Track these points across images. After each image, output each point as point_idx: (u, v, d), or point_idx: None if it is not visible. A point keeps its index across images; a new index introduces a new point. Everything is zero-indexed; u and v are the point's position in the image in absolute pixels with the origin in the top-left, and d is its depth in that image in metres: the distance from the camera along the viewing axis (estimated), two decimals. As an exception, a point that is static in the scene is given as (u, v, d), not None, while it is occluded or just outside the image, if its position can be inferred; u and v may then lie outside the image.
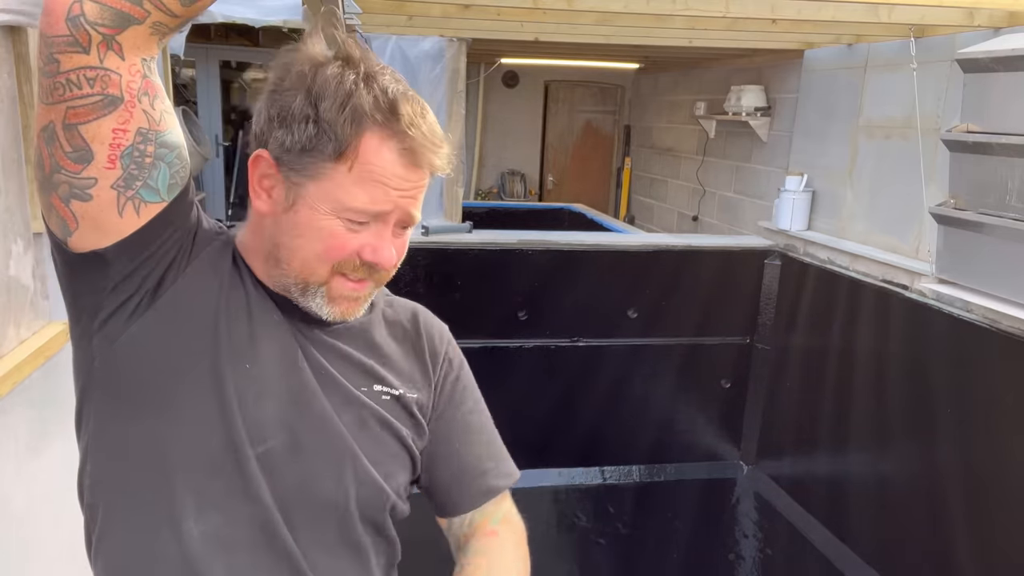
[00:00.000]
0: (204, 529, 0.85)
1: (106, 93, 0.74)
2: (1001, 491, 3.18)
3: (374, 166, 0.83)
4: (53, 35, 0.71)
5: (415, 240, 4.43)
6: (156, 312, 0.83)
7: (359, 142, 0.82)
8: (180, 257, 0.84)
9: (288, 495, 0.88)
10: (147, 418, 0.85)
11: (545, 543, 4.75)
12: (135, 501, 0.87)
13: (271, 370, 0.88)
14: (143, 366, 0.84)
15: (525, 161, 8.61)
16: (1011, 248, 3.10)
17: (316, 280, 0.88)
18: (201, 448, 0.85)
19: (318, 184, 0.84)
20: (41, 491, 1.53)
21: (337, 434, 0.91)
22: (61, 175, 0.77)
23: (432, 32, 4.73)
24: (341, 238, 0.85)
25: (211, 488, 0.85)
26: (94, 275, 0.82)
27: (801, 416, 4.50)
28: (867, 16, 3.56)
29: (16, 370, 1.33)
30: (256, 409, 0.86)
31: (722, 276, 4.75)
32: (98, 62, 0.73)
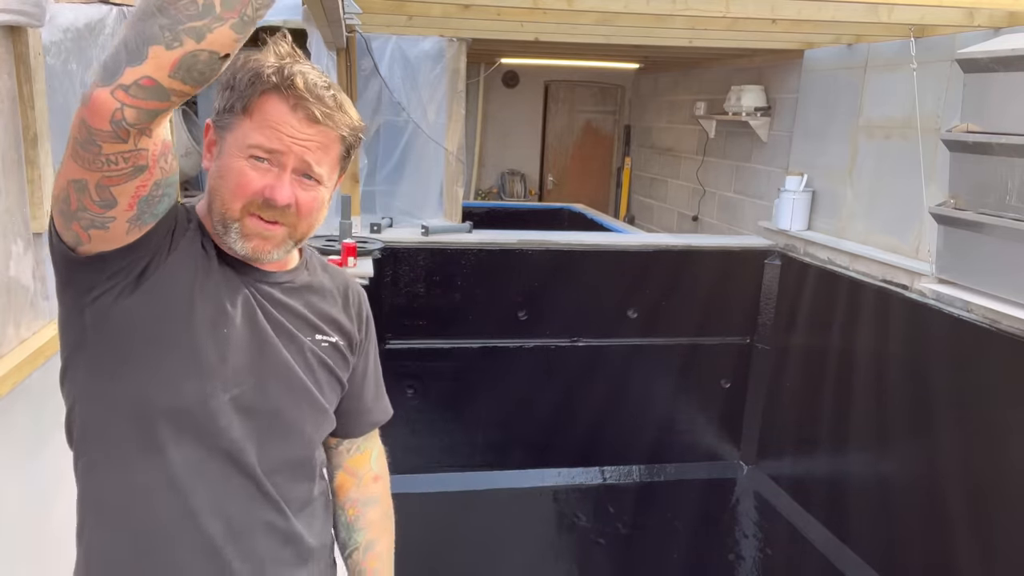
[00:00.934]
0: (184, 458, 1.06)
1: (136, 165, 0.92)
2: (1001, 491, 3.18)
3: (268, 115, 1.04)
4: (97, 128, 0.87)
5: (415, 240, 4.45)
6: (142, 293, 1.02)
7: (259, 100, 1.04)
8: (161, 249, 1.04)
9: (258, 429, 1.11)
10: (134, 374, 1.04)
11: (545, 543, 4.75)
12: (123, 441, 1.05)
13: (239, 330, 1.09)
14: (133, 334, 1.03)
15: (525, 161, 8.61)
16: (1011, 248, 3.10)
17: (232, 217, 1.07)
18: (181, 396, 1.05)
19: (232, 134, 1.06)
20: (40, 490, 1.53)
21: (295, 376, 1.15)
22: (86, 213, 0.95)
23: (432, 32, 4.73)
24: (247, 176, 1.05)
25: (190, 426, 1.06)
26: (92, 268, 1.01)
27: (801, 416, 4.49)
28: (867, 16, 3.56)
29: (16, 370, 1.33)
30: (230, 362, 1.08)
31: (722, 276, 4.75)
32: (133, 146, 0.90)
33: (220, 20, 0.83)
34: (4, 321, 1.35)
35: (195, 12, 0.82)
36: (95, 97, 0.85)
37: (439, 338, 4.52)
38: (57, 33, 1.46)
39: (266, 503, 1.13)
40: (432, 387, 4.57)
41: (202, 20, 0.83)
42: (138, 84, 0.85)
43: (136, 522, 1.07)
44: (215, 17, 0.83)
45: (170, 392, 1.05)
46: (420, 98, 4.90)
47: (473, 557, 4.47)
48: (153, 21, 0.83)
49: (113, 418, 1.06)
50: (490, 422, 4.69)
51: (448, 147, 5.01)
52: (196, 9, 0.82)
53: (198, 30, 0.83)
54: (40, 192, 1.42)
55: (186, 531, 1.07)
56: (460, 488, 4.64)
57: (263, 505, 1.12)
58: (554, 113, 8.61)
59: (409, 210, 4.97)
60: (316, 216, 1.12)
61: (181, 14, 0.82)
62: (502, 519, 4.73)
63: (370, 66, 4.65)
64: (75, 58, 1.53)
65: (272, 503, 1.13)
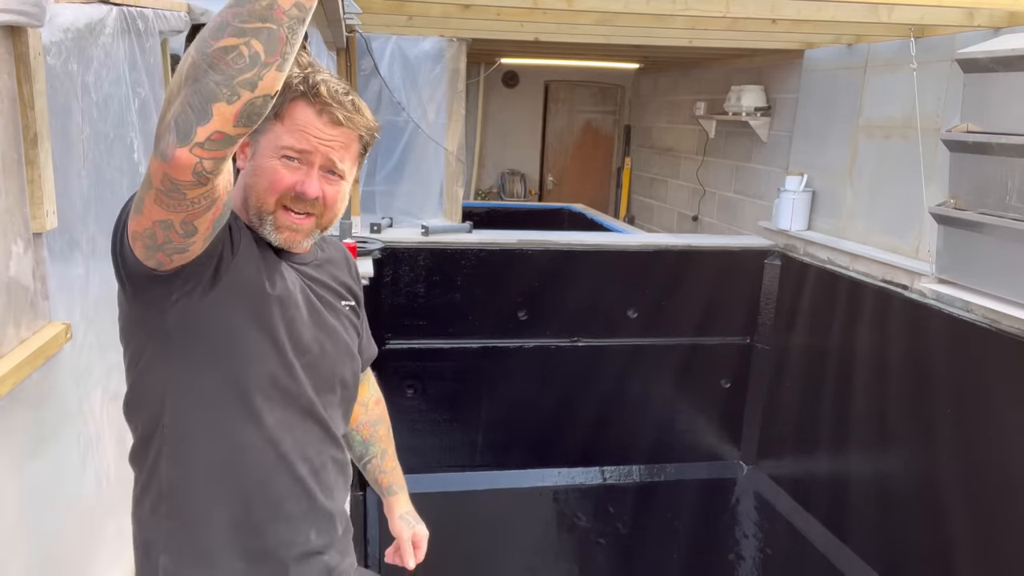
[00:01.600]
0: (274, 419, 1.26)
1: (213, 199, 1.03)
2: (1001, 490, 3.18)
3: (297, 120, 1.21)
4: (181, 180, 0.97)
5: (415, 240, 4.45)
6: (220, 290, 1.17)
7: (288, 106, 1.20)
8: (226, 251, 1.17)
9: (321, 384, 1.33)
10: (227, 359, 1.22)
11: (545, 543, 4.76)
12: (223, 415, 1.23)
13: (301, 308, 1.29)
14: (219, 327, 1.20)
15: (525, 161, 8.61)
16: (1011, 248, 3.10)
17: (267, 210, 1.23)
18: (265, 370, 1.24)
19: (265, 136, 1.21)
20: (39, 491, 1.53)
21: (341, 337, 1.38)
22: (171, 244, 1.07)
23: (432, 32, 4.73)
24: (280, 174, 1.22)
25: (275, 394, 1.26)
26: (171, 279, 1.13)
27: (801, 416, 4.49)
28: (867, 16, 3.56)
29: (16, 370, 1.33)
30: (299, 336, 1.28)
31: (722, 276, 4.75)
32: (211, 188, 1.01)
33: (267, 66, 0.91)
34: (4, 321, 1.34)
35: (244, 65, 0.90)
36: (177, 158, 0.95)
37: (439, 338, 4.52)
38: (57, 33, 1.46)
39: (331, 442, 1.36)
40: (432, 387, 4.57)
41: (252, 71, 0.91)
42: (211, 139, 0.94)
43: (243, 475, 1.26)
44: (262, 64, 0.91)
45: (260, 369, 1.24)
46: (420, 98, 4.90)
47: (473, 557, 4.47)
48: (208, 79, 0.91)
49: (213, 398, 1.22)
50: (490, 422, 4.69)
51: (448, 147, 5.01)
52: (244, 62, 0.90)
53: (251, 81, 0.91)
54: (40, 192, 1.42)
55: (281, 473, 1.28)
56: (460, 488, 4.64)
57: (330, 444, 1.36)
58: (554, 113, 8.62)
59: (409, 210, 4.97)
60: (339, 206, 1.29)
61: (232, 69, 0.90)
62: (502, 519, 4.73)
63: (370, 66, 4.65)
64: (75, 58, 1.53)
65: (335, 441, 1.37)
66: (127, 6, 1.72)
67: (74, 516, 1.65)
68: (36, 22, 1.30)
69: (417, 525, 1.70)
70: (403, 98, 4.83)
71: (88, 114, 1.61)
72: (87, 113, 1.61)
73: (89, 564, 1.74)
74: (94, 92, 1.62)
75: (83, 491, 1.68)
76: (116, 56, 1.68)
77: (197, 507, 1.25)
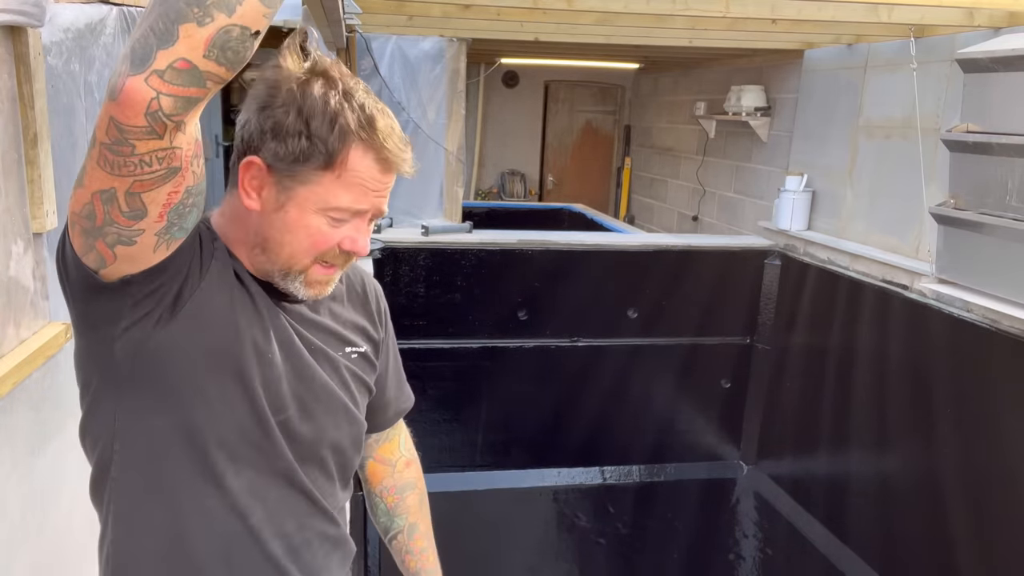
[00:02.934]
0: (241, 484, 1.05)
1: (170, 167, 0.85)
2: (1001, 490, 3.18)
3: (357, 173, 0.99)
4: (129, 124, 0.80)
5: (415, 240, 4.45)
6: (181, 320, 0.97)
7: (346, 155, 0.98)
8: (192, 273, 0.98)
9: (303, 448, 1.10)
10: (183, 405, 1.01)
11: (545, 543, 4.75)
12: (177, 471, 1.03)
13: (280, 356, 1.07)
14: (176, 364, 0.99)
15: (525, 161, 8.61)
16: (1011, 248, 3.10)
17: (298, 268, 1.04)
18: (233, 424, 1.03)
19: (308, 188, 0.99)
20: (40, 491, 1.53)
21: (333, 395, 1.14)
22: (112, 227, 0.88)
23: (432, 32, 4.73)
24: (326, 234, 1.02)
25: (244, 452, 1.05)
26: (117, 295, 0.94)
27: (801, 416, 4.49)
28: (867, 16, 3.56)
29: (16, 370, 1.33)
30: (275, 388, 1.06)
31: (722, 276, 4.75)
32: (169, 144, 0.83)
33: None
34: (4, 321, 1.35)
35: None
36: (128, 87, 0.78)
37: (439, 338, 4.52)
38: (58, 33, 1.46)
39: (319, 515, 1.15)
40: (432, 387, 4.57)
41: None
42: (173, 68, 0.78)
43: (197, 548, 1.05)
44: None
45: (223, 421, 1.03)
46: (420, 98, 4.90)
47: (473, 557, 4.47)
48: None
49: (162, 451, 1.02)
50: (490, 422, 4.69)
51: (448, 147, 5.01)
52: None
53: (227, 3, 0.77)
54: (40, 192, 1.42)
55: (248, 550, 1.07)
56: (460, 488, 4.64)
57: (317, 518, 1.15)
58: (554, 113, 8.61)
59: (409, 210, 4.97)
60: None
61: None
62: (502, 519, 4.73)
63: (370, 66, 4.65)
64: (77, 58, 1.54)
65: (324, 514, 1.16)
66: (127, 6, 1.72)
67: (75, 516, 1.65)
68: (36, 22, 1.30)
69: None
70: (403, 98, 4.83)
71: (92, 114, 1.61)
72: (91, 113, 1.61)
73: (90, 564, 1.74)
74: (97, 92, 1.62)
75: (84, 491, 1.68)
76: (117, 56, 1.68)
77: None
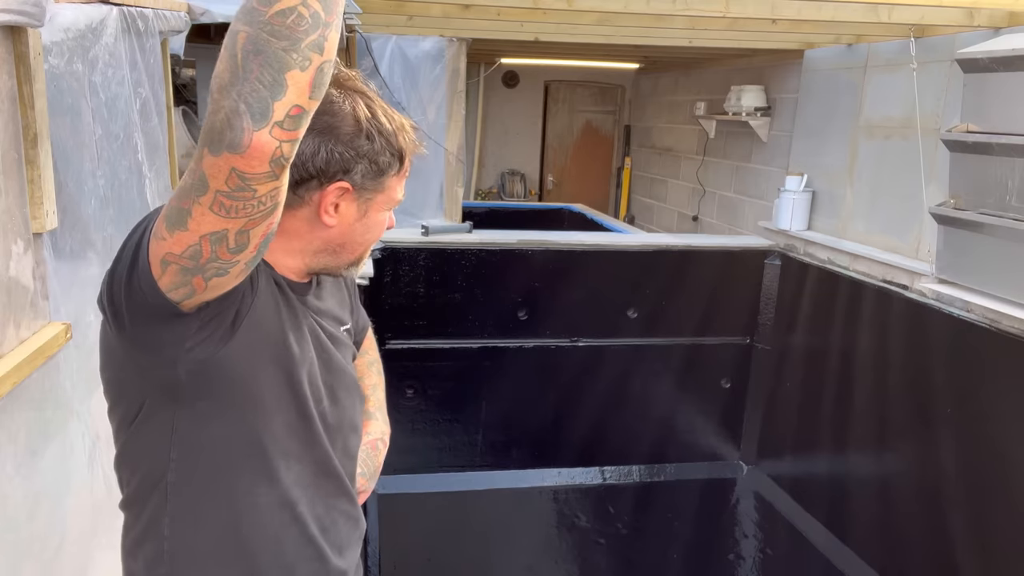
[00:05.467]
0: (291, 477, 1.16)
1: (277, 201, 0.91)
2: (1001, 490, 3.18)
3: (406, 171, 1.20)
4: (253, 172, 0.85)
5: (415, 240, 4.45)
6: (240, 336, 1.04)
7: (408, 159, 1.19)
8: (247, 293, 1.05)
9: (332, 432, 1.22)
10: (244, 414, 1.10)
11: (545, 543, 4.75)
12: (235, 474, 1.12)
13: (313, 351, 1.18)
14: (238, 378, 1.07)
15: (525, 161, 8.61)
16: (1011, 248, 3.10)
17: (365, 256, 1.21)
18: (284, 424, 1.14)
19: (384, 193, 1.17)
20: (40, 491, 1.53)
21: (350, 376, 1.29)
22: (215, 263, 0.92)
23: (432, 32, 4.73)
24: (387, 222, 1.21)
25: (292, 447, 1.16)
26: (188, 319, 0.99)
27: (801, 416, 4.49)
28: (867, 16, 3.56)
29: (16, 370, 1.33)
30: (315, 383, 1.17)
31: (722, 276, 4.75)
32: (282, 182, 0.89)
33: (328, 26, 0.83)
34: (4, 321, 1.35)
35: (308, 26, 0.82)
36: (256, 143, 0.83)
37: (439, 338, 4.52)
38: (58, 33, 1.46)
39: (344, 496, 1.27)
40: (432, 387, 4.57)
41: (317, 31, 0.82)
42: (289, 116, 0.84)
43: (251, 537, 1.15)
44: (324, 24, 0.83)
45: (275, 421, 1.13)
46: (420, 98, 4.90)
47: (473, 557, 4.47)
48: (273, 47, 0.81)
49: (221, 454, 1.11)
50: (490, 422, 4.69)
51: (448, 147, 5.01)
52: (308, 23, 0.81)
53: (318, 43, 0.83)
54: (40, 192, 1.42)
55: (294, 535, 1.18)
56: (460, 488, 4.64)
57: (342, 498, 1.26)
58: (554, 113, 8.61)
59: (409, 210, 4.97)
60: None
61: (297, 31, 0.81)
62: (502, 519, 4.73)
63: (370, 66, 4.65)
64: (79, 58, 1.53)
65: (347, 495, 1.27)
66: (127, 6, 1.72)
67: (76, 516, 1.65)
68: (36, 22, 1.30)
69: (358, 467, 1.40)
70: (403, 98, 4.83)
71: (99, 114, 1.62)
72: (98, 113, 1.61)
73: (91, 563, 1.74)
74: (102, 92, 1.62)
75: (84, 491, 1.68)
76: (119, 56, 1.68)
77: (204, 572, 1.15)
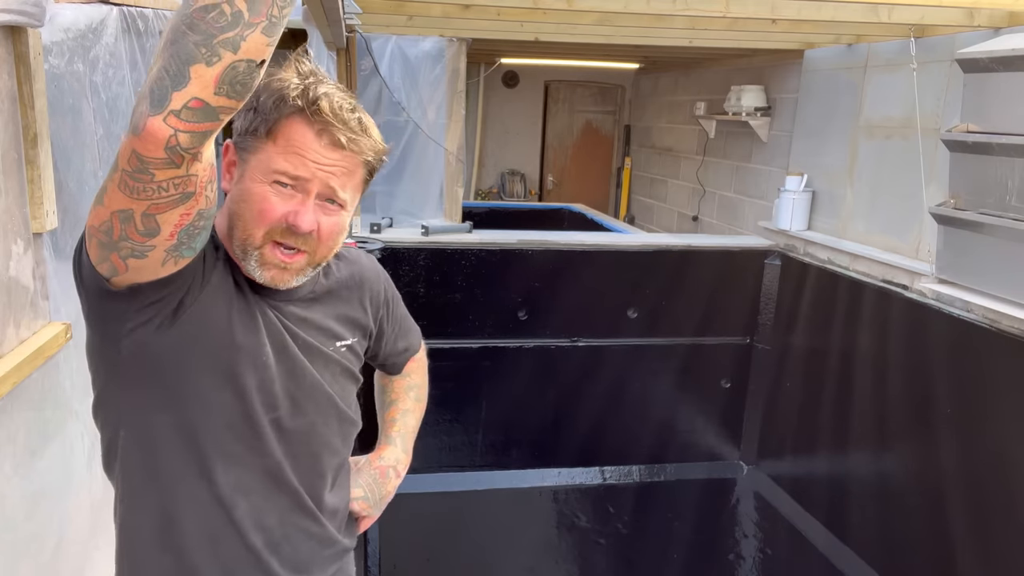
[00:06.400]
0: (228, 479, 1.12)
1: (185, 192, 0.92)
2: (1001, 491, 3.17)
3: (293, 140, 1.05)
4: (151, 156, 0.87)
5: (415, 240, 4.45)
6: (181, 325, 1.04)
7: (283, 123, 1.05)
8: (195, 282, 1.05)
9: (293, 446, 1.17)
10: (179, 404, 1.08)
11: (545, 543, 4.75)
12: (170, 464, 1.10)
13: (273, 358, 1.13)
14: (174, 366, 1.06)
15: (525, 161, 8.61)
16: (1011, 248, 3.10)
17: (253, 244, 1.08)
18: (225, 424, 1.10)
19: (256, 157, 1.06)
20: (38, 491, 1.53)
21: (323, 392, 1.21)
22: (127, 243, 0.94)
23: (432, 32, 4.73)
24: (270, 202, 1.06)
25: (234, 449, 1.12)
26: (125, 299, 1.02)
27: (801, 416, 4.49)
28: (867, 16, 3.56)
29: (16, 370, 1.33)
30: (268, 388, 1.12)
31: (722, 276, 4.75)
32: (185, 172, 0.90)
33: (250, 26, 0.83)
34: (4, 321, 1.35)
35: (225, 23, 0.82)
36: (149, 126, 0.85)
37: (439, 338, 4.52)
38: (58, 33, 1.46)
39: (301, 513, 1.21)
40: (432, 387, 4.54)
41: (234, 30, 0.82)
42: (187, 107, 0.85)
43: (186, 532, 1.13)
44: (245, 24, 0.83)
45: (216, 420, 1.10)
46: (420, 98, 4.90)
47: (473, 557, 4.47)
48: (186, 40, 0.82)
49: (158, 444, 1.10)
50: (490, 422, 4.69)
51: (448, 147, 5.01)
52: (226, 20, 0.82)
53: (232, 40, 0.83)
54: (40, 192, 1.42)
55: (231, 539, 1.15)
56: (460, 488, 4.64)
57: (299, 515, 1.21)
58: (554, 113, 8.61)
59: (409, 210, 4.97)
60: (336, 240, 1.14)
61: (212, 27, 0.82)
62: (502, 519, 4.73)
63: (370, 66, 4.65)
64: (80, 58, 1.53)
65: (307, 512, 1.22)
66: (127, 6, 1.72)
67: (74, 516, 1.65)
68: (36, 22, 1.30)
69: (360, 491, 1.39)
70: (403, 98, 4.83)
71: (100, 114, 1.62)
72: (99, 113, 1.61)
73: (88, 564, 1.74)
74: (103, 92, 1.62)
75: (83, 491, 1.68)
76: (119, 56, 1.68)
77: (142, 554, 1.15)
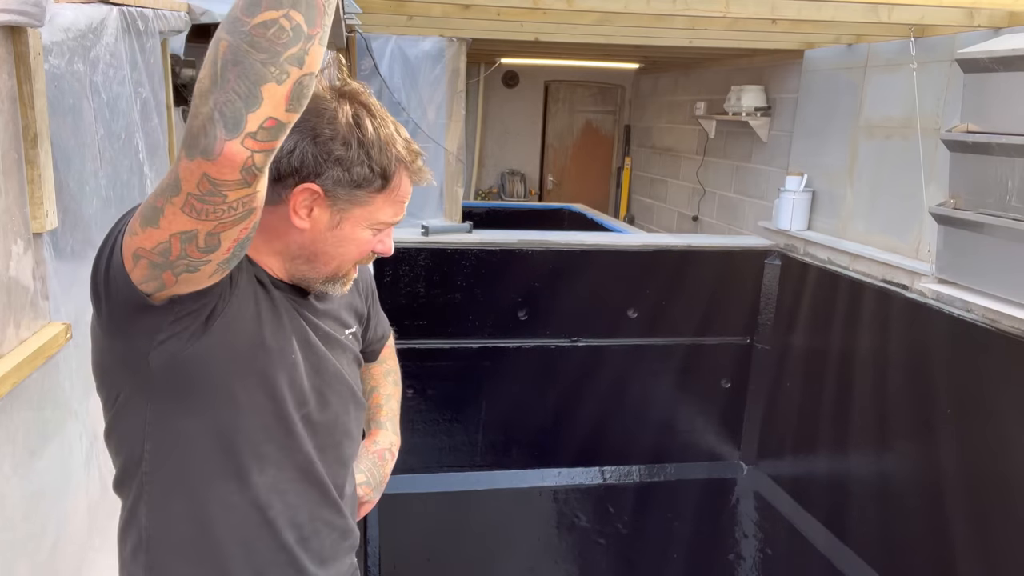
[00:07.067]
0: (264, 480, 1.14)
1: (250, 208, 0.92)
2: (1001, 490, 3.18)
3: (400, 192, 1.16)
4: (224, 179, 0.86)
5: (415, 240, 4.45)
6: (212, 334, 1.05)
7: (398, 179, 1.13)
8: (226, 289, 1.06)
9: (320, 439, 1.20)
10: (213, 409, 1.10)
11: (545, 543, 4.75)
12: (205, 470, 1.12)
13: (300, 353, 1.16)
14: (207, 374, 1.07)
15: (525, 161, 8.61)
16: (1011, 248, 3.10)
17: (343, 273, 1.17)
18: (258, 425, 1.12)
19: (363, 208, 1.13)
20: (37, 491, 1.53)
21: (344, 381, 1.25)
22: (184, 260, 0.94)
23: (432, 32, 4.73)
24: (370, 243, 1.16)
25: (267, 450, 1.14)
26: (160, 312, 1.02)
27: (801, 416, 4.49)
28: (867, 16, 3.56)
29: (16, 370, 1.33)
30: (297, 385, 1.15)
31: (722, 276, 4.75)
32: (254, 190, 0.90)
33: (310, 39, 0.83)
34: (4, 321, 1.34)
35: (288, 39, 0.81)
36: (227, 151, 0.84)
37: (439, 338, 4.52)
38: (58, 33, 1.46)
39: (329, 506, 1.24)
40: (432, 387, 4.57)
41: (297, 45, 0.82)
42: (263, 127, 0.85)
43: (220, 536, 1.15)
44: (306, 37, 0.83)
45: (249, 423, 1.12)
46: (420, 98, 4.90)
47: (473, 557, 4.47)
48: (251, 59, 0.81)
49: (189, 453, 1.11)
50: (490, 422, 4.69)
51: (448, 147, 5.01)
52: (288, 35, 0.81)
53: (297, 56, 0.83)
54: (40, 192, 1.42)
55: (264, 540, 1.17)
56: (460, 488, 4.64)
57: (327, 508, 1.24)
58: (554, 113, 8.61)
59: (409, 210, 4.95)
60: None
61: (276, 44, 0.81)
62: (502, 519, 4.73)
63: (370, 66, 4.65)
64: (80, 58, 1.53)
65: (333, 505, 1.25)
66: (127, 6, 1.72)
67: (76, 516, 1.65)
68: (36, 22, 1.30)
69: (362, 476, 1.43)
70: (403, 98, 4.83)
71: (101, 114, 1.61)
72: (99, 113, 1.61)
73: (86, 564, 1.74)
74: (104, 92, 1.62)
75: (81, 492, 1.68)
76: (119, 56, 1.68)
77: (173, 565, 1.16)
